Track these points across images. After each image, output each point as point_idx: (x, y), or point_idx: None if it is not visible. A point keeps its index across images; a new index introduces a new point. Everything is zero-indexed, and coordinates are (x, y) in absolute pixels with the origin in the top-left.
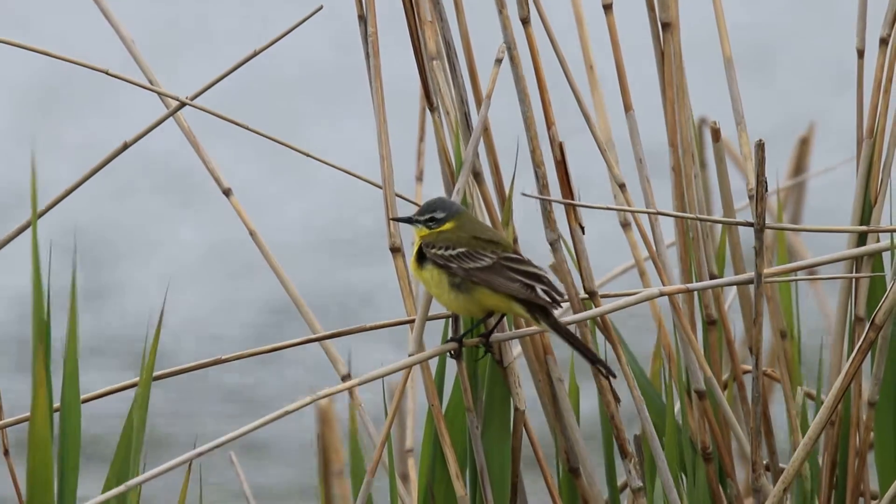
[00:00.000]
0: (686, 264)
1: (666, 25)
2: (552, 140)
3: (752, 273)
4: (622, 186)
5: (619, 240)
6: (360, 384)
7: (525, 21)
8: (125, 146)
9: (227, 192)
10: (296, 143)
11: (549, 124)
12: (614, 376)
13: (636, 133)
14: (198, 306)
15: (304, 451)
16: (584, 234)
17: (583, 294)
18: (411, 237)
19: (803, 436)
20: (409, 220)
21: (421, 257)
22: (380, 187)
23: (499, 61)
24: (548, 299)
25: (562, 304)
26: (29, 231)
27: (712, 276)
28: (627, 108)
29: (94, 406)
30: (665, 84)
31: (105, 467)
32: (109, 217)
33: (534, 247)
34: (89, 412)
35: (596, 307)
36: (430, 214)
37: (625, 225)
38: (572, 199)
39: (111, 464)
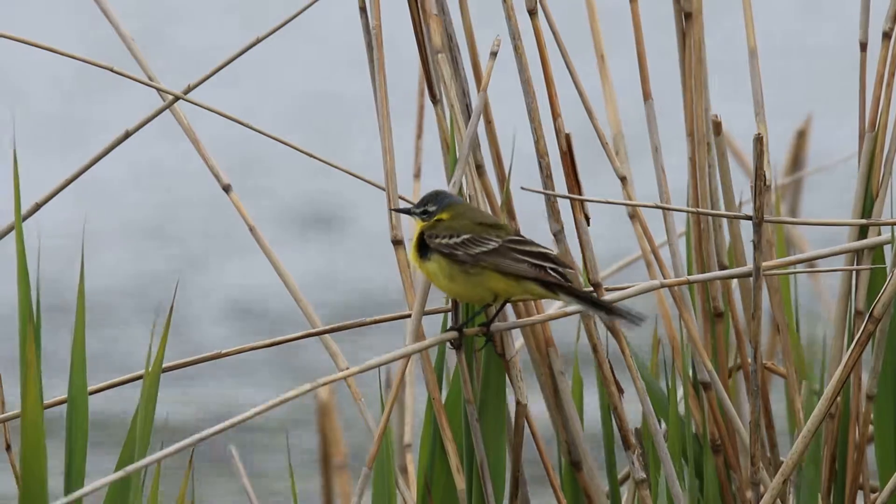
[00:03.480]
0: (700, 255)
1: (688, 15)
2: (558, 131)
3: (752, 266)
4: (623, 179)
5: (630, 229)
6: (359, 372)
7: (532, 12)
8: (127, 134)
9: (226, 189)
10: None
11: (555, 116)
12: (644, 319)
13: (654, 122)
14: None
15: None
16: (589, 225)
17: (587, 287)
18: (411, 230)
19: None
20: (407, 212)
21: (423, 248)
22: (382, 188)
23: (494, 54)
24: (558, 278)
25: (571, 281)
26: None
27: (722, 268)
28: (646, 96)
29: None
30: (685, 74)
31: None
32: None
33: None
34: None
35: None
36: (423, 207)
37: (632, 216)
38: (579, 190)
39: (119, 455)
